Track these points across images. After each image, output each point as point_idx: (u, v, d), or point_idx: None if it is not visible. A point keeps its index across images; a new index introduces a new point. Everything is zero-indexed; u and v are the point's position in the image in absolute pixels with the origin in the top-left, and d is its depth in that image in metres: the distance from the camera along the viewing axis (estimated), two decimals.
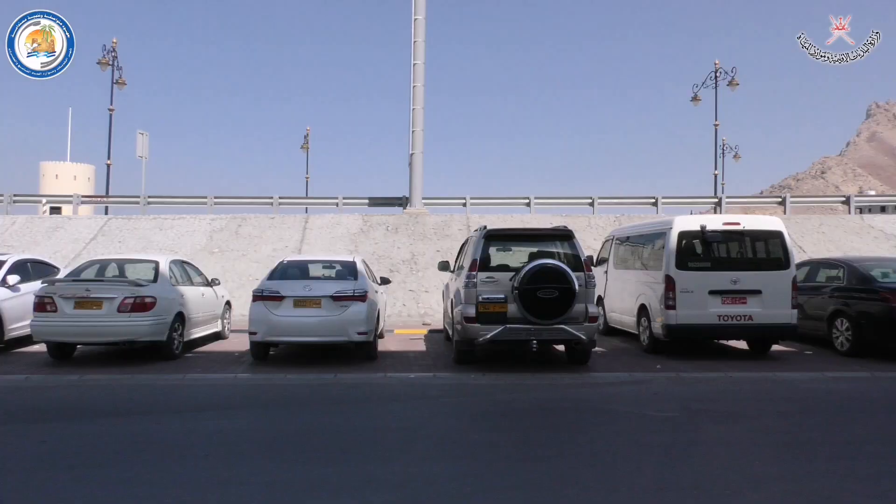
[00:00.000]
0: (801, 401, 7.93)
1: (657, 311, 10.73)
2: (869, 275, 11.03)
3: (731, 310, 10.38)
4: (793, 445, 5.92)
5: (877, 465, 5.30)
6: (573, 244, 9.77)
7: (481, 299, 9.28)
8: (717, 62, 32.90)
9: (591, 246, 18.62)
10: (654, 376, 9.23)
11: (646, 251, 11.87)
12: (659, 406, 7.52)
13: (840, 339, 11.06)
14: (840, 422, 6.89)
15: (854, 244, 20.79)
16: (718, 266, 10.68)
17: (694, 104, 33.65)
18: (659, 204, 24.42)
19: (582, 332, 9.23)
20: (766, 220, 11.19)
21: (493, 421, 6.98)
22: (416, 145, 23.99)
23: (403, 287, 18.30)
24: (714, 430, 6.47)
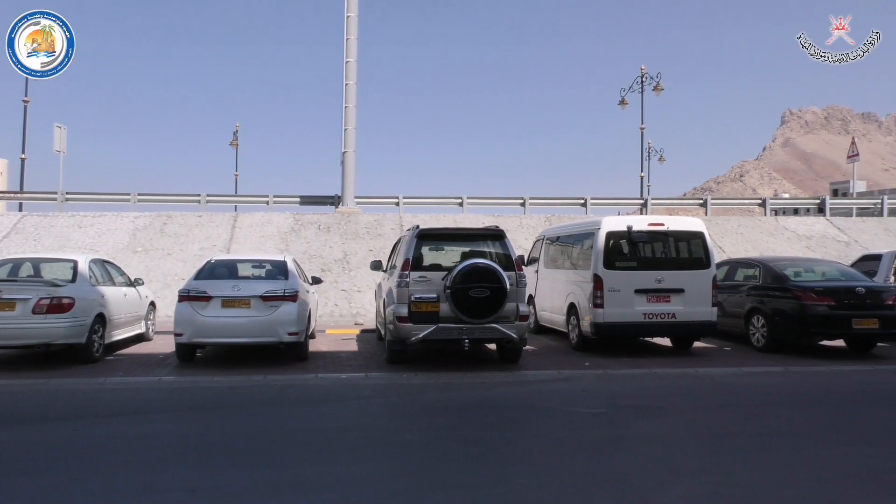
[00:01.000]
0: (720, 395, 8.26)
1: (586, 310, 10.97)
2: (783, 274, 11.57)
3: (656, 308, 10.72)
4: (713, 438, 6.16)
5: (790, 456, 5.57)
6: (505, 244, 9.88)
7: (414, 299, 9.29)
8: (644, 67, 33.88)
9: (522, 245, 18.88)
10: (582, 373, 9.43)
11: (575, 251, 12.11)
12: (587, 403, 7.69)
13: (756, 336, 11.57)
14: (757, 415, 7.20)
15: (769, 244, 21.77)
16: (644, 266, 11.01)
17: (621, 108, 34.57)
18: (588, 205, 24.96)
19: (513, 331, 9.35)
20: (689, 221, 11.60)
21: (425, 420, 7.00)
22: (349, 144, 23.79)
23: (335, 287, 18.12)
24: (639, 425, 6.66)
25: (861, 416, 7.11)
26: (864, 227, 23.75)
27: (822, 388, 8.73)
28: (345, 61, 23.84)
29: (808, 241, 22.23)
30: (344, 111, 23.75)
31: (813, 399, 8.11)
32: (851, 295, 10.76)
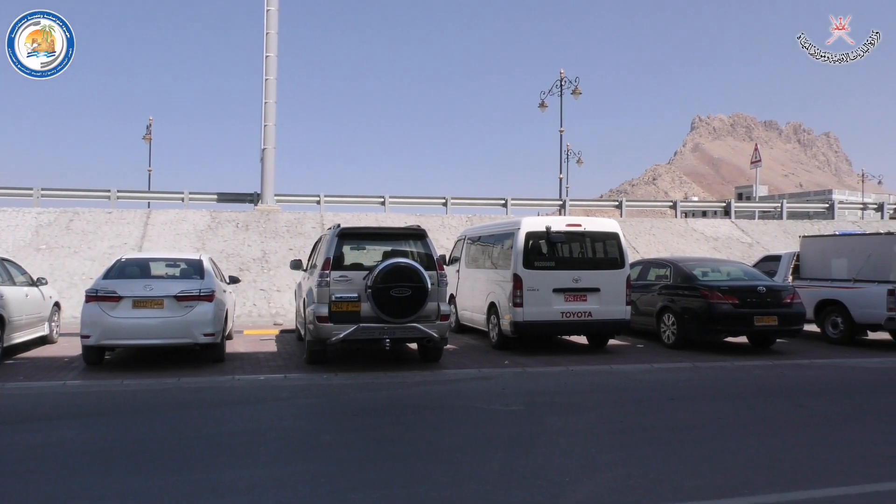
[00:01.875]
0: (633, 391, 8.55)
1: (506, 309, 11.14)
2: (691, 274, 12.09)
3: (573, 307, 10.99)
4: (626, 433, 6.37)
5: (696, 447, 5.83)
6: (426, 243, 9.92)
7: (334, 298, 9.20)
8: (563, 71, 34.66)
9: (443, 245, 18.99)
10: (501, 372, 9.58)
11: (495, 251, 12.28)
12: (506, 400, 7.81)
13: (667, 333, 12.04)
14: (667, 409, 7.50)
15: (680, 245, 22.69)
16: (562, 265, 11.27)
17: (541, 110, 35.25)
18: (508, 205, 25.35)
19: (434, 330, 9.40)
20: (605, 222, 11.95)
21: (345, 421, 6.95)
22: (269, 140, 23.32)
23: (254, 286, 17.73)
24: (556, 422, 6.82)
25: (761, 409, 7.51)
26: (766, 230, 25.08)
27: (726, 383, 9.17)
28: (265, 56, 23.35)
29: (715, 243, 23.28)
30: (264, 107, 23.27)
31: (718, 393, 8.51)
32: (753, 294, 11.35)
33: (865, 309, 12.06)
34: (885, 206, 29.49)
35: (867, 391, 8.68)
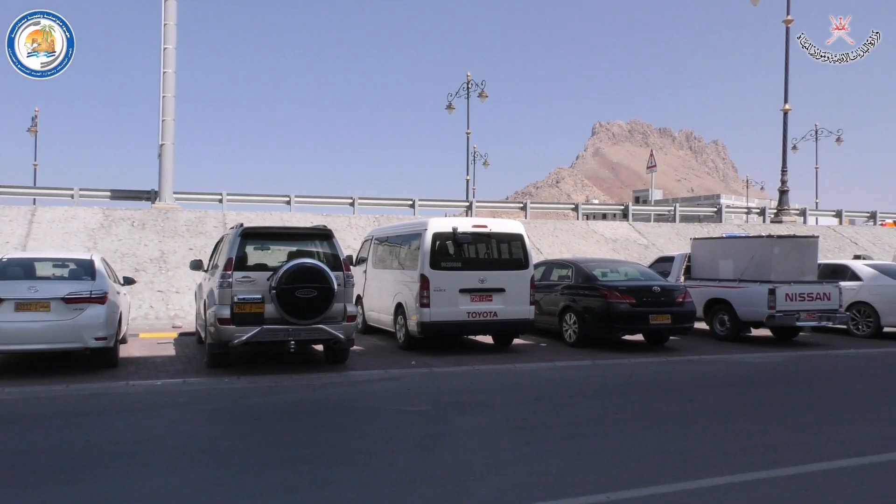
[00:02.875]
0: (536, 389, 8.77)
1: (413, 309, 11.18)
2: (592, 274, 12.52)
3: (479, 307, 11.16)
4: (529, 430, 6.53)
5: (596, 442, 6.05)
6: (332, 244, 9.82)
7: (237, 300, 8.96)
8: (469, 74, 35.10)
9: (351, 246, 18.83)
10: (408, 372, 9.60)
11: (403, 251, 12.30)
12: (413, 401, 7.84)
13: (569, 332, 12.42)
14: (568, 405, 7.74)
15: (581, 247, 23.43)
16: (468, 266, 11.41)
17: (449, 112, 35.56)
18: (416, 206, 25.42)
19: (340, 332, 9.31)
20: (510, 223, 12.19)
21: (248, 425, 6.77)
22: (167, 135, 22.38)
23: (151, 287, 16.98)
24: (462, 421, 6.90)
25: (655, 403, 7.87)
26: (660, 232, 26.27)
27: (624, 379, 9.56)
28: (162, 47, 22.40)
29: (614, 244, 24.18)
30: (162, 101, 22.31)
31: (616, 389, 8.86)
32: (649, 293, 11.88)
33: (749, 307, 12.85)
34: (766, 211, 31.50)
35: (750, 384, 9.25)
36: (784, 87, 27.20)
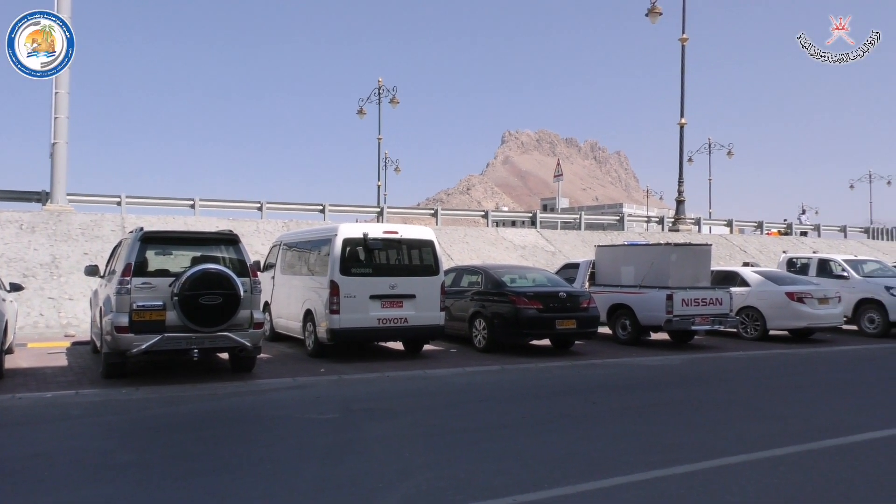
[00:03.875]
0: (446, 394, 8.84)
1: (322, 316, 11.03)
2: (501, 280, 12.75)
3: (390, 313, 11.14)
4: (438, 435, 6.57)
5: (504, 447, 6.15)
6: (239, 249, 9.57)
7: (136, 307, 8.58)
8: (381, 80, 35.07)
9: (258, 251, 18.39)
10: (317, 380, 9.47)
11: (312, 257, 12.13)
12: (321, 409, 7.74)
13: (478, 337, 12.58)
14: (477, 410, 7.84)
15: (491, 253, 23.80)
16: (379, 272, 11.38)
17: (360, 117, 35.40)
18: (326, 211, 25.11)
19: (247, 339, 9.08)
20: (420, 230, 12.25)
21: (146, 438, 6.49)
22: (60, 134, 21.18)
23: (41, 294, 16.00)
24: (372, 428, 6.87)
25: (561, 406, 8.09)
26: (567, 239, 27.03)
27: (531, 383, 9.77)
28: None
29: (522, 251, 24.69)
30: (54, 97, 21.10)
31: (524, 393, 9.04)
32: (555, 299, 12.20)
33: (649, 312, 13.42)
34: (665, 220, 33.00)
35: (650, 386, 9.65)
36: (680, 102, 28.62)
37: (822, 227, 37.01)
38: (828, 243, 31.88)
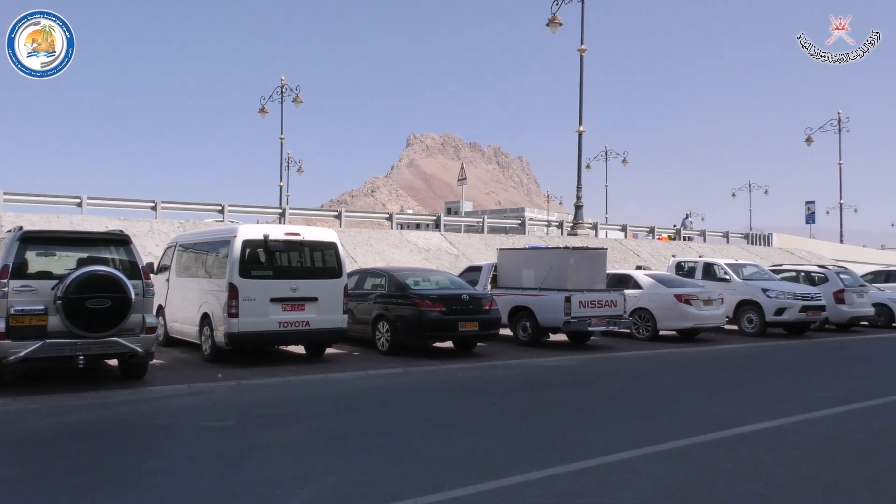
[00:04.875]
0: (348, 398, 8.77)
1: (220, 320, 10.69)
2: (404, 283, 12.76)
3: (291, 316, 10.92)
4: (340, 440, 6.50)
5: (406, 449, 6.17)
6: (130, 250, 9.14)
7: (13, 311, 8.03)
8: (283, 78, 34.39)
9: (152, 252, 17.60)
10: (214, 386, 9.17)
11: (210, 259, 11.74)
12: (218, 416, 7.50)
13: (382, 340, 12.54)
14: (380, 413, 7.82)
15: (395, 256, 23.78)
16: (280, 274, 11.14)
17: (262, 116, 34.57)
18: (226, 211, 24.35)
19: (138, 345, 8.67)
20: (323, 231, 12.09)
21: (24, 452, 6.08)
22: None
23: None
24: (271, 434, 6.72)
25: (462, 408, 8.19)
26: (470, 242, 27.38)
27: (434, 385, 9.84)
28: None
29: (426, 254, 24.81)
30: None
31: (426, 395, 9.09)
32: (458, 301, 12.33)
33: (548, 314, 13.79)
34: (564, 224, 34.01)
35: (548, 386, 9.93)
36: (579, 110, 29.59)
37: (707, 232, 39.19)
38: (712, 248, 33.80)
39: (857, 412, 7.91)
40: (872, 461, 5.83)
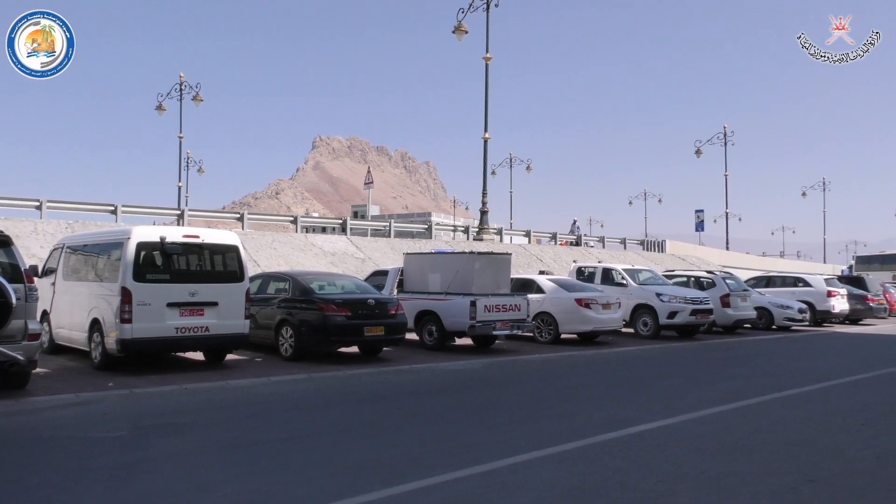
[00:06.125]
0: (249, 405, 8.53)
1: (112, 326, 10.17)
2: (309, 287, 12.56)
3: (189, 322, 10.53)
4: (240, 448, 6.32)
5: (308, 456, 6.06)
6: (11, 251, 8.57)
7: None
8: (182, 75, 33.19)
9: (37, 255, 16.55)
10: (104, 395, 8.71)
11: (101, 262, 11.15)
12: (108, 426, 7.13)
13: (285, 346, 12.28)
14: (281, 421, 7.65)
15: (300, 259, 23.38)
16: (177, 278, 10.72)
17: (159, 113, 33.21)
18: (119, 212, 23.20)
19: (20, 353, 8.12)
20: (224, 234, 11.73)
21: None
22: None
23: None
24: (166, 444, 6.45)
25: (367, 413, 8.15)
26: (377, 246, 27.29)
27: (338, 391, 9.73)
28: None
29: (332, 258, 24.53)
30: None
31: (331, 401, 8.98)
32: (364, 306, 12.26)
33: (454, 318, 13.92)
34: (470, 229, 34.46)
35: (454, 390, 10.02)
36: (484, 117, 30.08)
37: (605, 238, 40.74)
38: (610, 254, 35.15)
39: (740, 410, 8.41)
40: (753, 455, 6.21)
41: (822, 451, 6.38)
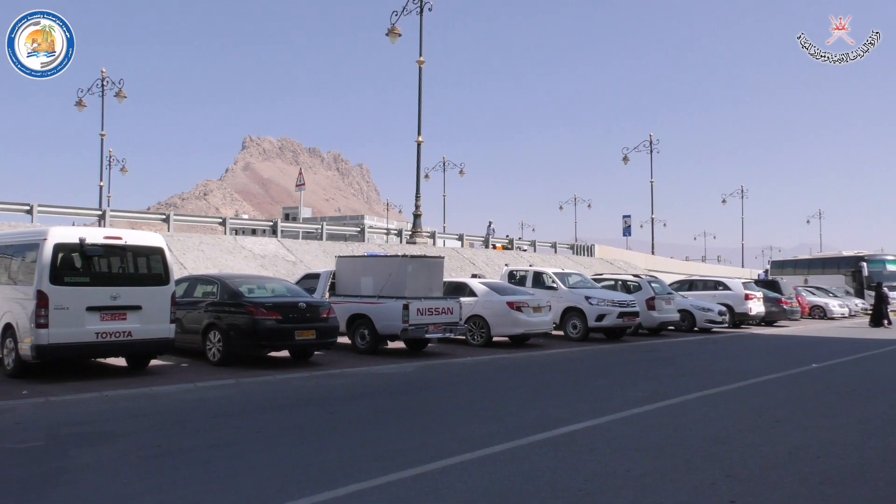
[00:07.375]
0: (174, 412, 8.28)
1: (27, 331, 9.70)
2: (238, 290, 12.29)
3: (111, 326, 10.14)
4: (163, 457, 6.12)
5: (235, 463, 5.93)
6: None
7: None
8: (104, 70, 31.98)
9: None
10: (17, 404, 8.30)
11: (14, 264, 10.62)
12: (22, 436, 6.81)
13: (213, 350, 11.98)
14: (207, 428, 7.45)
15: (229, 262, 22.84)
16: (98, 281, 10.31)
17: (79, 109, 31.91)
18: (35, 212, 22.14)
19: None
20: (148, 235, 11.36)
21: None
22: None
23: None
24: (84, 454, 6.19)
25: (298, 418, 8.02)
26: (308, 249, 26.93)
27: (268, 396, 9.55)
28: None
29: (262, 260, 24.07)
30: None
31: (260, 406, 8.80)
32: (295, 309, 12.07)
33: (386, 321, 13.87)
34: (403, 232, 34.42)
35: (386, 394, 9.98)
36: (418, 121, 30.12)
37: (537, 242, 41.38)
38: (542, 258, 35.73)
39: (663, 409, 8.69)
40: (675, 454, 6.42)
41: (740, 448, 6.65)
